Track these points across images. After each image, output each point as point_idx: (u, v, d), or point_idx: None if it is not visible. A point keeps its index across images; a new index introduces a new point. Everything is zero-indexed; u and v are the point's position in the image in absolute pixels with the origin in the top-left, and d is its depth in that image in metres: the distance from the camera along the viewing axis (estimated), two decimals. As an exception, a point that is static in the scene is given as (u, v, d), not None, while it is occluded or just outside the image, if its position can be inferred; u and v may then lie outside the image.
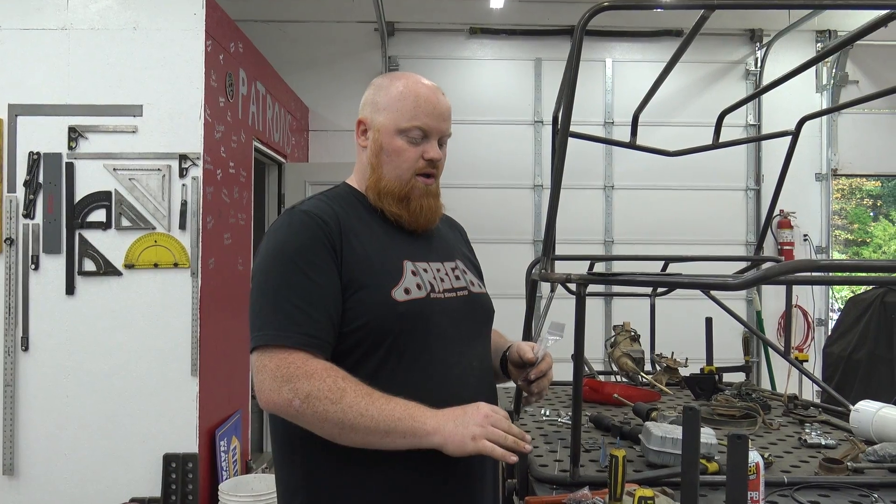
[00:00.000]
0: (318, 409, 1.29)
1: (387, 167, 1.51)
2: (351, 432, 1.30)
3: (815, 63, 2.24)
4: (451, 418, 1.29)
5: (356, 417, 1.28)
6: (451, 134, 1.57)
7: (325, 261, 1.40)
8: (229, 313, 3.88)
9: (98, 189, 3.48)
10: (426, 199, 1.51)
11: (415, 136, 1.49)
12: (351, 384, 1.31)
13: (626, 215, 6.30)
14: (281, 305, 1.37)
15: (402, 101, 1.49)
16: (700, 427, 1.23)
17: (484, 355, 1.56)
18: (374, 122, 1.53)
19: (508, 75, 6.36)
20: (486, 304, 1.62)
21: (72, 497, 3.39)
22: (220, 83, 3.77)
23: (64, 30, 3.50)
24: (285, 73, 5.43)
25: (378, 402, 1.29)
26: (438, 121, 1.50)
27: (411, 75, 1.55)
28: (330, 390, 1.29)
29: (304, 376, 1.30)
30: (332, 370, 1.32)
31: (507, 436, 1.28)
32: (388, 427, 1.28)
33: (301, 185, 5.42)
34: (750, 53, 6.41)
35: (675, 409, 2.62)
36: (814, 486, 1.80)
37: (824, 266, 1.21)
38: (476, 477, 1.48)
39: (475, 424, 1.27)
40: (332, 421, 1.29)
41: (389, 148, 1.50)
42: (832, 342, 4.65)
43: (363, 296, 1.40)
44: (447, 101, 1.55)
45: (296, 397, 1.29)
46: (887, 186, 15.15)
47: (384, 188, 1.50)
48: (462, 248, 1.73)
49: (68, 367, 3.45)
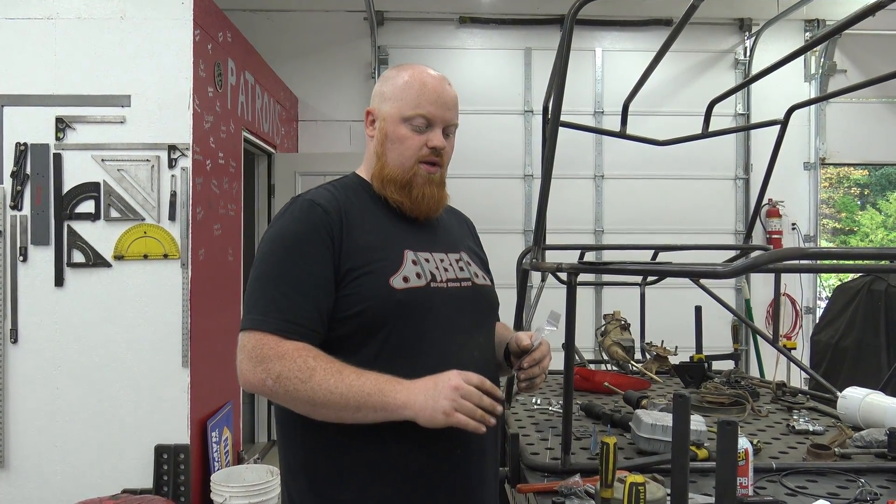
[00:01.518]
0: (290, 389, 1.32)
1: (391, 155, 1.52)
2: (322, 409, 1.33)
3: (804, 52, 2.25)
4: (423, 391, 1.30)
5: (326, 395, 1.30)
6: (458, 125, 1.58)
7: (319, 249, 1.41)
8: (220, 304, 3.88)
9: (86, 180, 3.45)
10: (428, 188, 1.52)
11: (419, 124, 1.50)
12: (322, 362, 1.33)
13: (616, 205, 6.31)
14: (268, 291, 1.40)
15: (407, 90, 1.51)
16: (690, 414, 1.24)
17: (486, 346, 1.56)
18: (380, 112, 1.55)
19: (498, 65, 6.34)
20: (489, 295, 1.62)
21: (63, 489, 3.39)
22: (208, 73, 3.75)
23: (50, 19, 3.46)
24: (274, 63, 5.40)
25: (348, 378, 1.31)
26: (443, 109, 1.51)
27: (419, 66, 1.56)
28: (300, 370, 1.31)
29: (277, 357, 1.33)
30: (303, 350, 1.34)
31: (475, 409, 1.29)
32: (358, 403, 1.30)
33: (291, 175, 5.41)
34: (739, 43, 6.42)
35: (664, 396, 2.64)
36: (802, 472, 1.83)
37: (812, 254, 1.22)
38: (477, 454, 1.48)
39: (444, 398, 1.28)
40: (303, 399, 1.32)
41: (394, 136, 1.51)
42: (820, 330, 4.68)
43: (361, 283, 1.41)
44: (453, 91, 1.55)
45: (268, 377, 1.33)
46: (874, 175, 15.25)
47: (387, 175, 1.52)
48: (469, 241, 1.73)
49: (58, 360, 3.44)
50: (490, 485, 1.54)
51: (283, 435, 1.50)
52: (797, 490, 1.70)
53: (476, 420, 1.29)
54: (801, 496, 1.66)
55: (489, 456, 1.53)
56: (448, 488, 1.44)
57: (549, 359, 1.55)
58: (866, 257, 2.47)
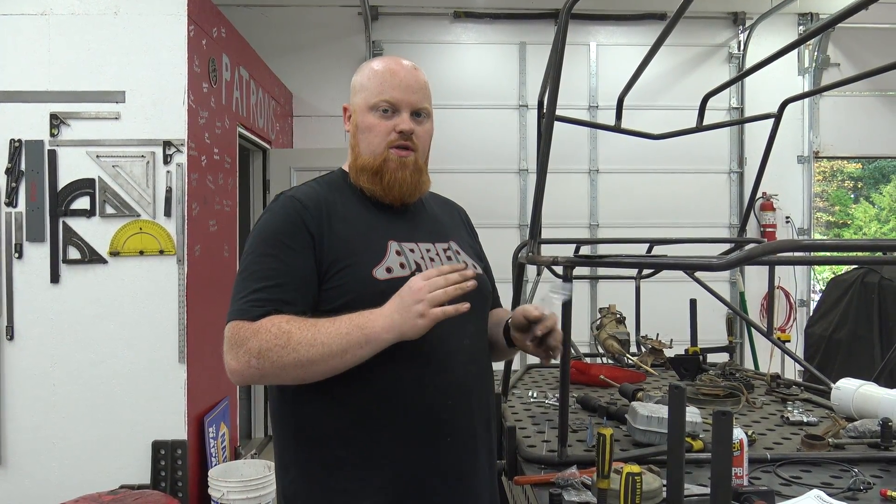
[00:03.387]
0: (274, 359, 1.31)
1: (363, 144, 1.53)
2: (312, 366, 1.32)
3: (797, 46, 2.26)
4: (395, 309, 1.31)
5: (308, 350, 1.30)
6: (429, 108, 1.57)
7: (298, 243, 1.43)
8: (216, 300, 3.88)
9: (81, 176, 3.45)
10: (400, 172, 1.51)
11: (384, 109, 1.51)
12: (295, 324, 1.33)
13: (611, 199, 6.33)
14: (248, 285, 1.41)
15: (371, 79, 1.53)
16: (685, 406, 1.25)
17: (477, 334, 1.56)
18: (352, 105, 1.57)
19: (493, 59, 6.34)
20: (479, 284, 1.60)
21: (61, 485, 3.39)
22: (203, 69, 3.74)
23: (44, 15, 3.45)
24: (269, 59, 5.38)
25: (324, 327, 1.32)
26: (406, 93, 1.51)
27: (387, 56, 1.58)
28: (276, 337, 1.31)
29: (252, 334, 1.33)
30: (274, 319, 1.34)
31: (446, 290, 1.30)
32: (342, 345, 1.30)
33: (286, 171, 5.40)
34: (733, 36, 6.43)
35: (660, 389, 2.66)
36: (796, 462, 1.84)
37: (806, 246, 1.23)
38: (468, 443, 1.48)
39: (415, 302, 1.29)
40: (290, 364, 1.31)
41: (363, 125, 1.53)
42: (814, 322, 4.71)
43: (345, 275, 1.42)
44: (418, 75, 1.55)
45: (251, 357, 1.32)
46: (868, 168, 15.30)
47: (360, 164, 1.53)
48: (460, 230, 1.72)
49: (54, 356, 3.44)
50: (484, 473, 1.54)
51: (277, 430, 1.52)
52: (791, 480, 1.72)
53: (454, 301, 1.30)
54: (795, 486, 1.68)
55: (481, 444, 1.52)
56: (440, 477, 1.44)
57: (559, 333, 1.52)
58: (859, 249, 2.48)
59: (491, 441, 1.58)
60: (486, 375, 1.58)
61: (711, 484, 1.17)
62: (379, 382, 1.40)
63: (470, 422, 1.49)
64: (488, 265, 1.73)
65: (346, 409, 1.41)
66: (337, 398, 1.41)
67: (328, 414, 1.42)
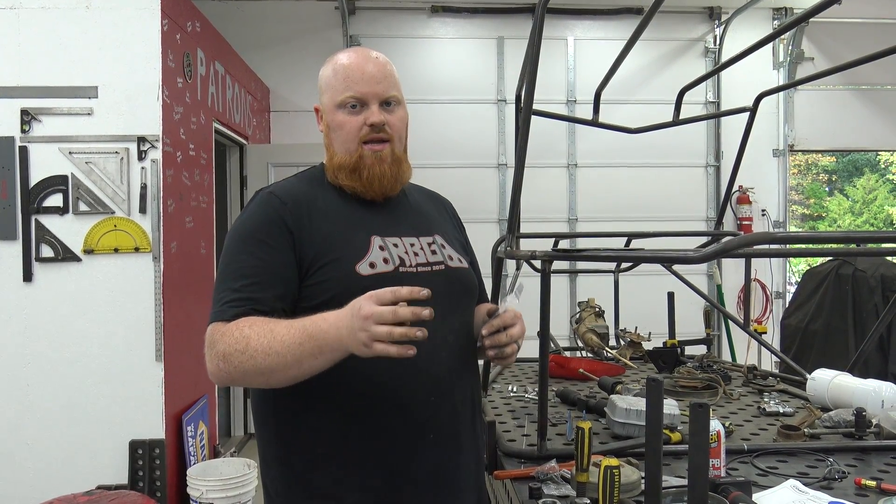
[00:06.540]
0: (236, 364, 1.29)
1: (336, 143, 1.52)
2: (272, 375, 1.29)
3: (772, 40, 2.27)
4: (345, 325, 1.23)
5: (265, 359, 1.26)
6: (398, 95, 1.54)
7: (276, 239, 1.41)
8: (193, 297, 3.83)
9: (54, 173, 3.39)
10: (378, 167, 1.50)
11: (352, 105, 1.49)
12: (256, 329, 1.29)
13: (590, 193, 6.35)
14: (227, 284, 1.39)
15: (335, 77, 1.52)
16: (663, 398, 1.26)
17: (461, 330, 1.53)
18: (322, 106, 1.56)
19: (471, 54, 6.33)
20: (464, 277, 1.58)
21: (36, 487, 3.33)
22: (177, 63, 3.69)
23: (13, 9, 3.38)
24: (245, 54, 5.33)
25: (279, 334, 1.27)
26: (370, 84, 1.49)
27: (345, 51, 1.57)
28: (237, 342, 1.29)
29: (220, 337, 1.32)
30: (241, 322, 1.32)
31: (392, 330, 1.18)
32: (295, 356, 1.26)
33: (263, 166, 5.36)
34: (709, 31, 6.47)
35: (639, 382, 2.67)
36: (772, 453, 1.87)
37: (781, 238, 1.24)
38: (450, 438, 1.46)
39: (360, 330, 1.19)
40: (252, 371, 1.28)
41: (333, 124, 1.52)
42: (789, 314, 4.77)
43: (327, 271, 1.41)
44: (381, 64, 1.52)
45: (219, 360, 1.31)
46: (842, 161, 15.50)
47: (337, 163, 1.52)
48: (445, 223, 1.70)
49: (28, 356, 3.38)
50: (469, 471, 1.52)
51: (259, 426, 1.50)
52: (768, 470, 1.74)
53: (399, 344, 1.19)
54: (771, 476, 1.70)
55: (466, 442, 1.51)
56: (422, 473, 1.43)
57: (519, 328, 1.46)
58: (833, 241, 2.51)
59: (476, 439, 1.56)
60: (470, 372, 1.56)
61: (689, 475, 1.18)
62: (358, 380, 1.38)
63: (453, 420, 1.47)
64: (475, 258, 1.71)
65: (325, 407, 1.40)
66: (317, 396, 1.39)
67: (308, 412, 1.41)
